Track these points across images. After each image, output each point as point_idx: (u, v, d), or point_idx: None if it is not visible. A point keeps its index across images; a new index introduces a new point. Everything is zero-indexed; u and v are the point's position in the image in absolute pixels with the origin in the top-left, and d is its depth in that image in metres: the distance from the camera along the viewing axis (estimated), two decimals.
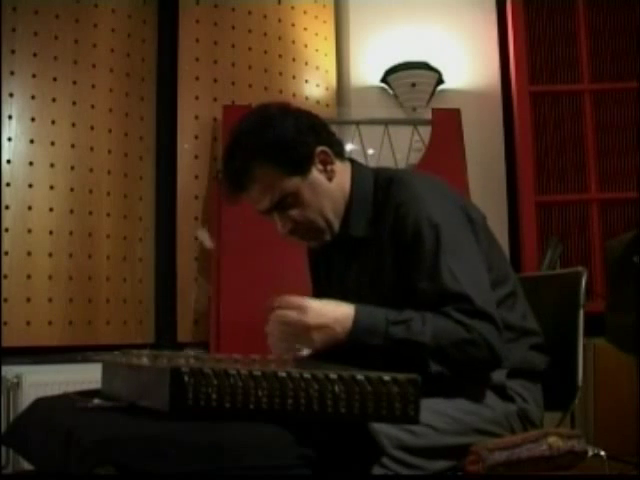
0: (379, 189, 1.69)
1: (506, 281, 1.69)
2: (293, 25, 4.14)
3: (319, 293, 1.89)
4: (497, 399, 1.61)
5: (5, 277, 3.40)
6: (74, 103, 3.64)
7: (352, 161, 1.77)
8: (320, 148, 1.66)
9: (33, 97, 3.56)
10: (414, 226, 1.58)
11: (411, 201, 1.60)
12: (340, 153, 1.72)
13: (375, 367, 1.32)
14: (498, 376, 1.62)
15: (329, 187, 1.68)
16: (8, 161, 3.48)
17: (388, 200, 1.65)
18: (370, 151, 3.81)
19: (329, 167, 1.68)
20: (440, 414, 1.49)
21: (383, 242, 1.63)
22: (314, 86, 4.12)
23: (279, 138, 1.61)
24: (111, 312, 3.66)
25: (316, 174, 1.66)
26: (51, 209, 3.55)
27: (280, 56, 4.10)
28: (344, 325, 1.52)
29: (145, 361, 1.46)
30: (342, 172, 1.71)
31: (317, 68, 4.16)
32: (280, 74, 4.08)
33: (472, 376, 1.58)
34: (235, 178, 1.65)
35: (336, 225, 1.69)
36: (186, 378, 1.20)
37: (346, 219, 1.70)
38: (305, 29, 4.16)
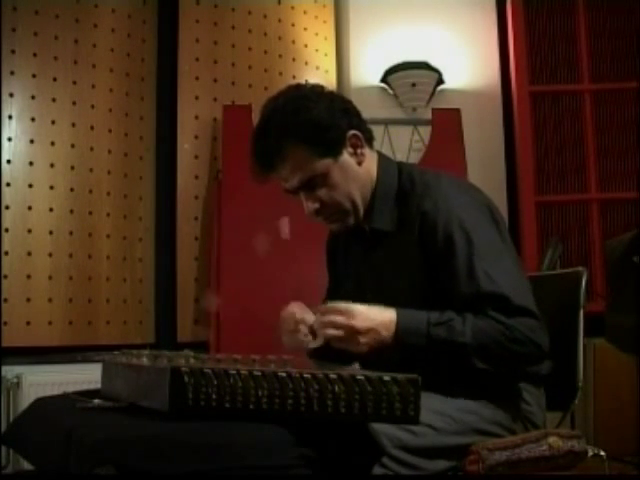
0: (402, 185, 1.70)
1: None
2: (293, 25, 4.14)
3: (336, 285, 1.90)
4: (498, 400, 1.61)
5: (5, 277, 3.40)
6: (74, 103, 3.64)
7: (379, 153, 1.77)
8: (352, 132, 1.67)
9: (33, 97, 3.56)
10: (445, 230, 1.59)
11: (439, 204, 1.61)
12: (370, 140, 1.73)
13: (418, 367, 1.33)
14: (500, 378, 1.62)
15: (358, 171, 1.69)
16: (8, 161, 3.48)
17: (412, 200, 1.65)
18: None
19: (359, 151, 1.68)
20: (440, 414, 1.49)
21: (408, 241, 1.64)
22: None
23: (313, 119, 1.61)
24: (111, 312, 3.66)
25: (347, 157, 1.67)
26: (51, 209, 3.54)
27: (280, 56, 4.10)
28: (389, 328, 1.53)
29: (145, 361, 1.46)
30: (370, 159, 1.72)
31: (317, 68, 4.15)
32: (280, 74, 4.07)
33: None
34: (266, 157, 1.65)
35: (361, 210, 1.70)
36: (186, 378, 1.20)
37: (368, 210, 1.71)
38: (305, 29, 4.16)
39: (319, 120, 1.62)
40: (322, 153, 1.63)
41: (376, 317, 1.53)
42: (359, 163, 1.69)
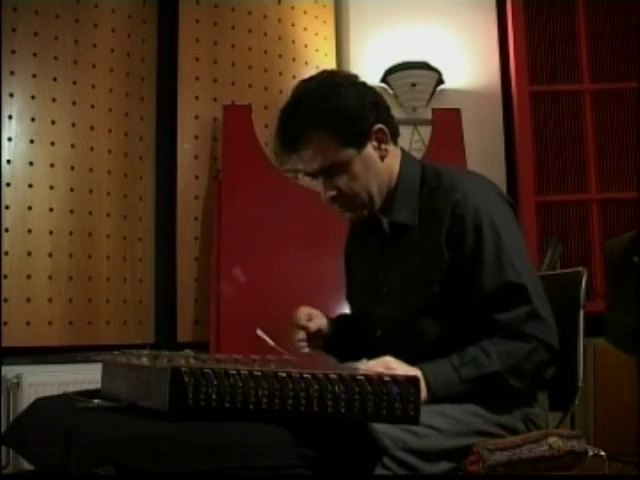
0: (426, 181, 1.70)
1: None
2: (293, 25, 4.14)
3: (352, 281, 1.91)
4: (501, 401, 1.60)
5: (5, 277, 3.40)
6: (74, 103, 3.64)
7: (402, 149, 1.78)
8: (379, 125, 1.66)
9: (33, 97, 3.56)
10: (474, 224, 1.60)
11: (467, 201, 1.61)
12: (395, 135, 1.72)
13: None
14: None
15: (380, 166, 1.68)
16: (8, 161, 3.48)
17: (439, 194, 1.65)
18: None
19: (383, 146, 1.68)
20: (443, 415, 1.49)
21: (431, 235, 1.64)
22: None
23: (342, 108, 1.61)
24: (111, 312, 3.66)
25: (370, 150, 1.67)
26: (51, 209, 3.55)
27: (280, 56, 4.10)
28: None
29: (145, 361, 1.46)
30: (393, 155, 1.72)
31: (317, 68, 4.14)
32: (280, 74, 4.08)
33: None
34: (290, 138, 1.65)
35: (378, 204, 1.70)
36: (186, 378, 1.20)
37: (389, 203, 1.71)
38: (305, 29, 4.16)
39: (348, 110, 1.61)
40: (346, 143, 1.63)
41: None
42: (382, 158, 1.68)
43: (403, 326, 1.66)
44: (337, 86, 1.64)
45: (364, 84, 1.72)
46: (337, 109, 1.60)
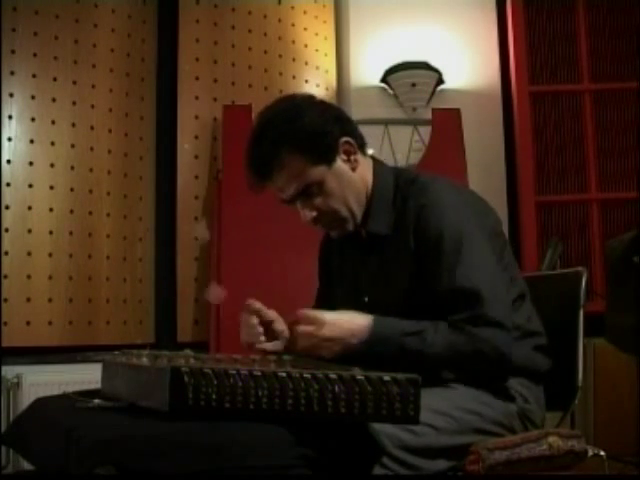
0: (399, 189, 1.71)
1: (516, 283, 1.72)
2: (293, 25, 4.14)
3: (326, 289, 1.91)
4: (498, 399, 1.61)
5: (5, 277, 3.40)
6: (74, 103, 3.64)
7: (373, 158, 1.79)
8: (344, 138, 1.68)
9: (33, 97, 3.56)
10: (436, 230, 1.60)
11: (433, 205, 1.62)
12: (362, 146, 1.74)
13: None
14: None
15: (353, 177, 1.70)
16: (8, 161, 3.48)
17: (409, 202, 1.66)
18: (370, 151, 3.80)
19: (353, 157, 1.70)
20: (441, 413, 1.50)
21: (403, 243, 1.65)
22: (314, 86, 4.12)
23: (307, 127, 1.63)
24: (111, 312, 3.66)
25: (340, 163, 1.68)
26: (51, 209, 3.55)
27: (280, 56, 4.10)
28: (360, 336, 1.54)
29: (145, 361, 1.46)
30: (364, 165, 1.73)
31: (317, 68, 4.15)
32: (280, 74, 4.07)
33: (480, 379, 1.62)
34: (261, 166, 1.66)
35: (359, 215, 1.71)
36: (186, 378, 1.20)
37: (366, 214, 1.72)
38: (305, 29, 4.16)
39: (312, 127, 1.63)
40: (316, 160, 1.65)
41: (345, 324, 1.55)
42: (353, 169, 1.70)
43: None
44: (298, 107, 1.66)
45: (323, 101, 1.75)
46: (302, 128, 1.63)
